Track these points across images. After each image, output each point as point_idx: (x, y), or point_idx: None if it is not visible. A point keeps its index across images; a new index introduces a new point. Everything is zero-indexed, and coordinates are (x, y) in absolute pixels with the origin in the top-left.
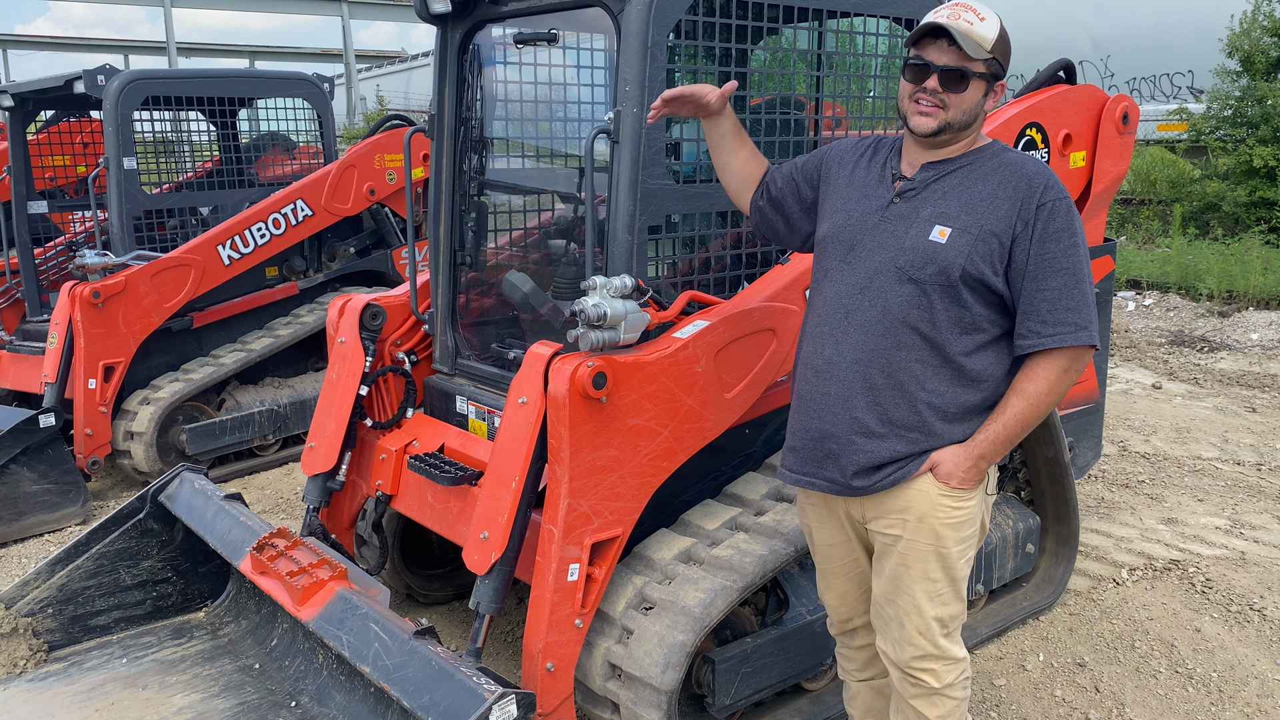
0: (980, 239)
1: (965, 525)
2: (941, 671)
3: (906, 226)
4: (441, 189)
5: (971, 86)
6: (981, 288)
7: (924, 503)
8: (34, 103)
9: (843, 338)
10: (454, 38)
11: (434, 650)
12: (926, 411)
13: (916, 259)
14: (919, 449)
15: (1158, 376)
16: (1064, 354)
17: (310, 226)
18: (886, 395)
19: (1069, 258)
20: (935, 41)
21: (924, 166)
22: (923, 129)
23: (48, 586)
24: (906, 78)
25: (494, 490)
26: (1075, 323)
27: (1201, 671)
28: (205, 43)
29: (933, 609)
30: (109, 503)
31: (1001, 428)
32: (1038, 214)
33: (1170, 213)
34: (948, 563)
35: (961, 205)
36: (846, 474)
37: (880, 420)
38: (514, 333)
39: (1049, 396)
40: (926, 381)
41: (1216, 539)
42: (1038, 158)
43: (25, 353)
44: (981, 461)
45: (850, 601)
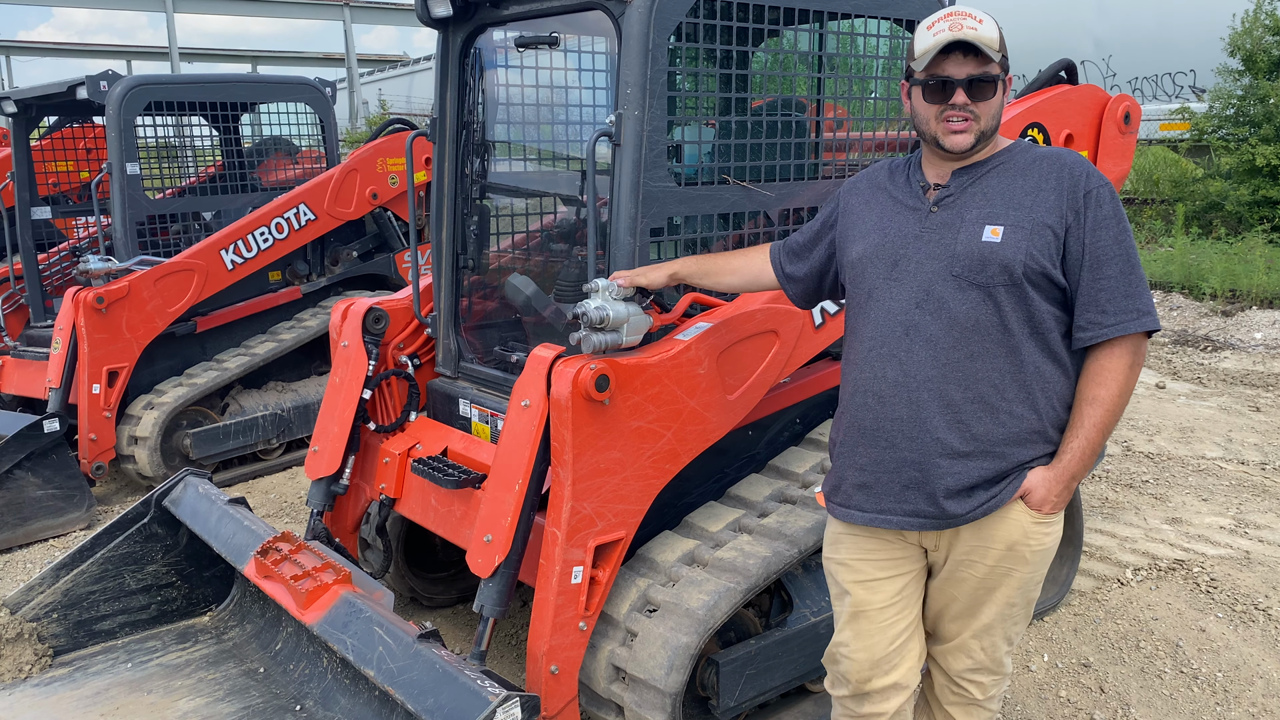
0: (1035, 232)
1: (1051, 549)
2: (988, 684)
3: (954, 232)
4: (444, 192)
5: (996, 90)
6: (1045, 282)
7: (1016, 532)
8: (37, 109)
9: (907, 357)
10: (455, 41)
11: (438, 653)
12: (1011, 422)
13: (973, 263)
14: (1008, 466)
15: (1161, 376)
16: (1127, 348)
17: (313, 231)
18: (967, 410)
19: (1121, 244)
20: (949, 57)
21: (955, 174)
22: (961, 146)
23: (53, 591)
24: (928, 100)
25: (497, 493)
26: (1137, 309)
27: (1207, 671)
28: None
29: (1004, 628)
30: (113, 507)
31: (1085, 442)
32: (1086, 201)
33: (1173, 212)
34: (1027, 587)
35: (1006, 202)
36: (938, 501)
37: (965, 438)
38: (517, 335)
39: (1123, 397)
40: (1006, 389)
41: (1221, 539)
42: (1072, 150)
43: (29, 358)
44: (1073, 482)
45: (877, 654)
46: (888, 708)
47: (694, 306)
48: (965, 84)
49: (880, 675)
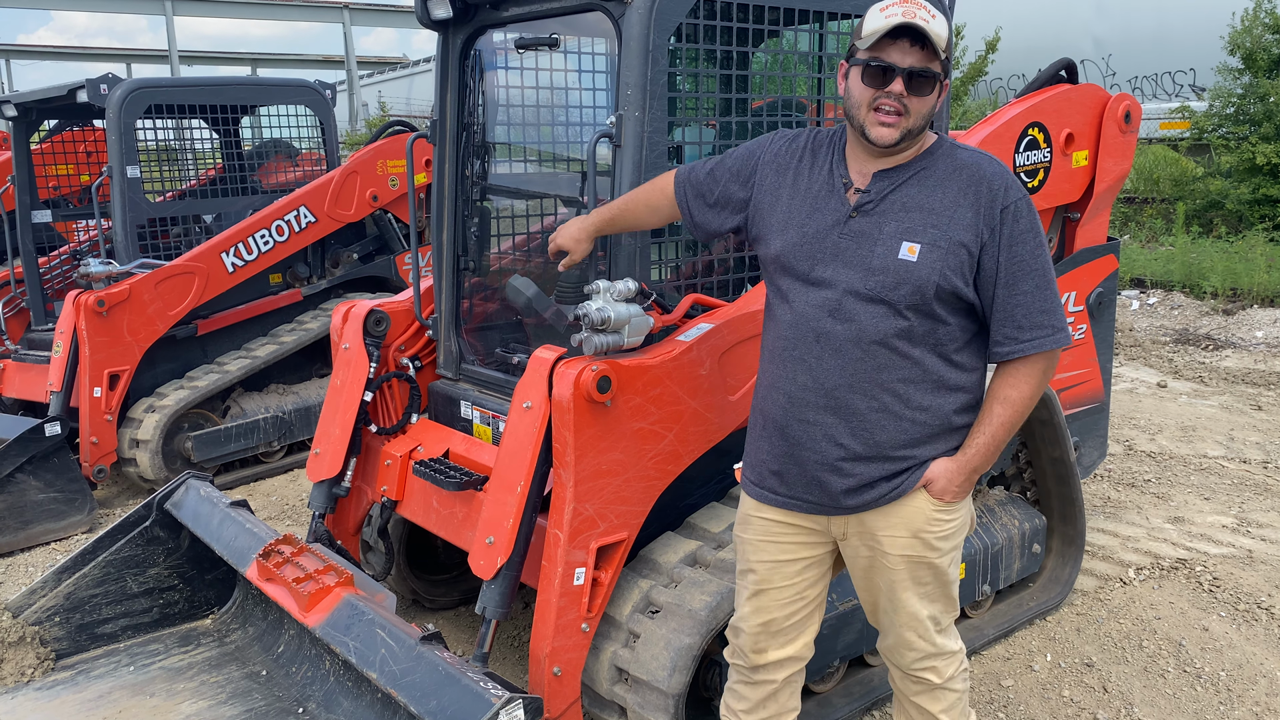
0: (950, 252)
1: (956, 534)
2: (942, 667)
3: (871, 244)
4: (444, 194)
5: (934, 89)
6: (954, 299)
7: (919, 519)
8: (37, 112)
9: (816, 364)
10: (455, 43)
11: (440, 655)
12: (912, 428)
13: (888, 280)
14: (909, 465)
15: (1163, 375)
16: (1041, 358)
17: (313, 233)
18: (872, 418)
19: (1037, 258)
20: (896, 42)
21: (876, 176)
22: (886, 140)
23: (54, 595)
24: (865, 83)
25: (499, 495)
26: (1051, 325)
27: (1210, 670)
28: (207, 51)
29: (926, 609)
30: (115, 511)
31: (989, 438)
32: (1003, 218)
33: (1173, 211)
34: (938, 570)
35: (925, 218)
36: (838, 498)
37: (867, 444)
38: (518, 337)
39: (1032, 400)
40: (911, 398)
41: (1223, 537)
42: (990, 154)
43: (30, 362)
44: (974, 474)
45: (775, 628)
46: (778, 676)
47: (695, 307)
48: (905, 74)
49: (776, 649)
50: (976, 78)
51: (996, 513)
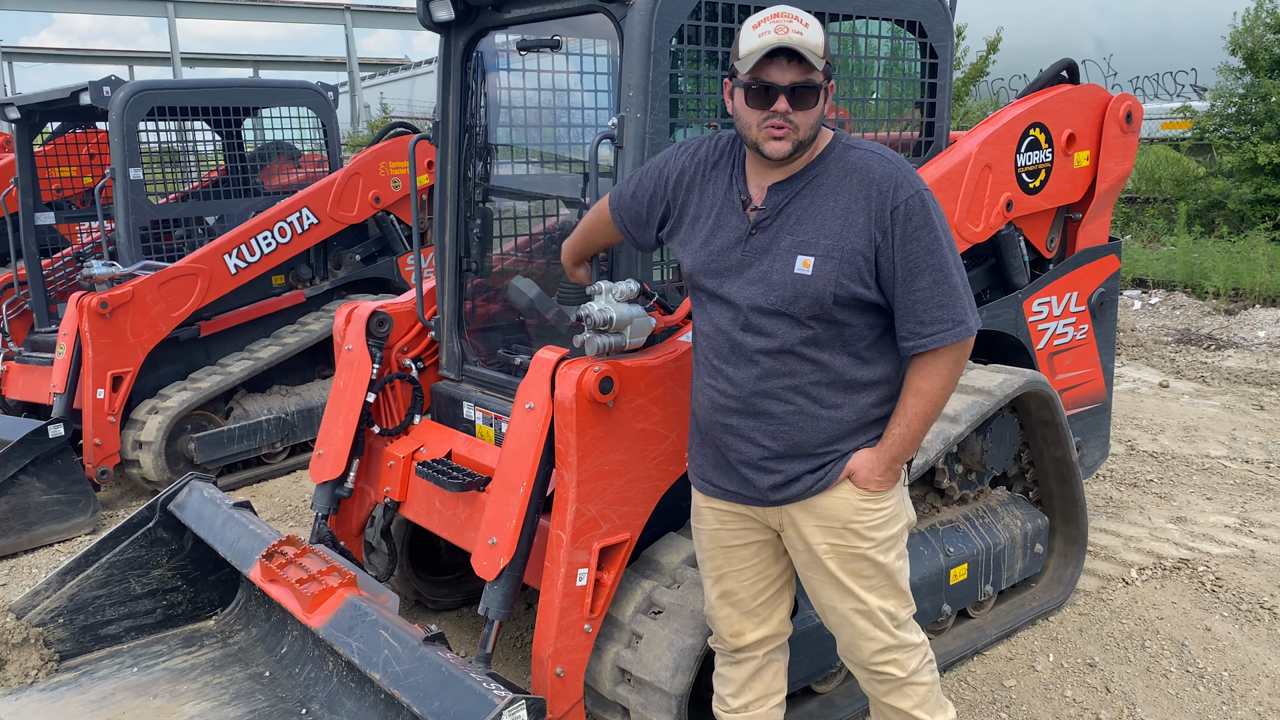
0: (845, 260)
1: (887, 525)
2: (904, 660)
3: (770, 260)
4: (447, 195)
5: (818, 99)
6: (855, 303)
7: (846, 510)
8: (40, 114)
9: (734, 373)
10: (457, 45)
11: (443, 656)
12: (830, 426)
13: (786, 294)
14: (830, 459)
15: (1165, 375)
16: (949, 350)
17: (316, 235)
18: (789, 421)
19: (934, 254)
20: (773, 61)
21: (771, 190)
22: (780, 153)
23: (58, 596)
24: (750, 104)
25: (502, 496)
26: (952, 319)
27: (1213, 671)
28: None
29: (876, 600)
30: (118, 512)
31: (905, 429)
32: (893, 218)
33: (1175, 211)
34: (878, 563)
35: (818, 228)
36: (761, 492)
37: (786, 445)
38: (520, 338)
39: (945, 390)
40: (824, 398)
41: (1226, 537)
42: (883, 149)
43: (34, 363)
44: (895, 464)
45: (747, 612)
46: (758, 653)
47: None
48: (788, 91)
49: (752, 629)
50: (978, 78)
51: (999, 513)
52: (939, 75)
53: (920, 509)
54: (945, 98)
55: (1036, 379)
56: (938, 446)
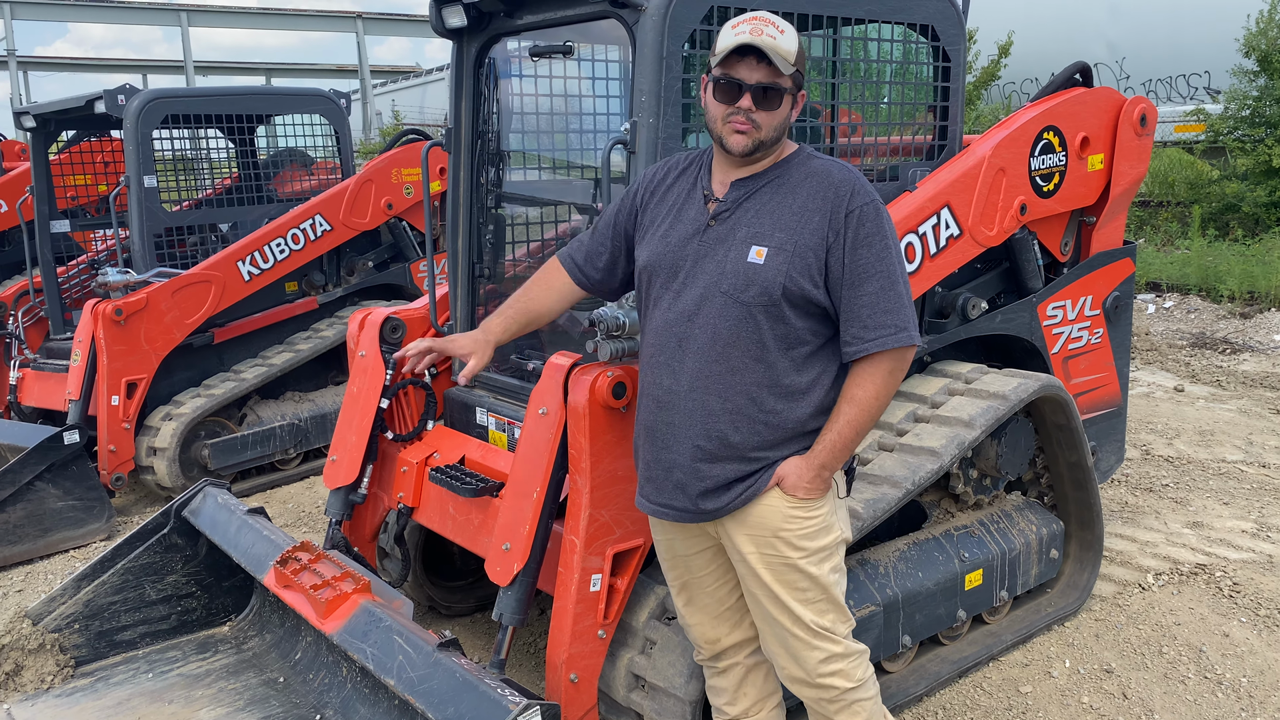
0: (797, 254)
1: (819, 534)
2: (849, 670)
3: (726, 249)
4: (459, 202)
5: (783, 102)
6: (803, 301)
7: (775, 518)
8: (56, 123)
9: (678, 366)
10: (470, 52)
11: (458, 662)
12: (765, 430)
13: (739, 282)
14: (760, 465)
15: (1180, 379)
16: (887, 357)
17: (329, 241)
18: (725, 419)
19: (882, 261)
20: (744, 59)
21: (733, 185)
22: (739, 147)
23: (74, 602)
24: (717, 99)
25: (515, 501)
26: (895, 324)
27: (1231, 677)
28: (222, 61)
29: (810, 614)
30: (133, 518)
31: (837, 435)
32: (847, 221)
33: (1189, 214)
34: (810, 574)
35: (774, 222)
36: (695, 500)
37: (721, 444)
38: (532, 344)
39: (879, 400)
40: (762, 401)
41: (1243, 542)
42: (844, 162)
43: (49, 370)
44: (824, 470)
45: (715, 617)
46: (740, 658)
47: None
48: (754, 89)
49: (726, 634)
50: (989, 82)
51: (1014, 518)
52: (951, 79)
53: (935, 514)
54: (958, 101)
55: (1051, 383)
56: (953, 451)
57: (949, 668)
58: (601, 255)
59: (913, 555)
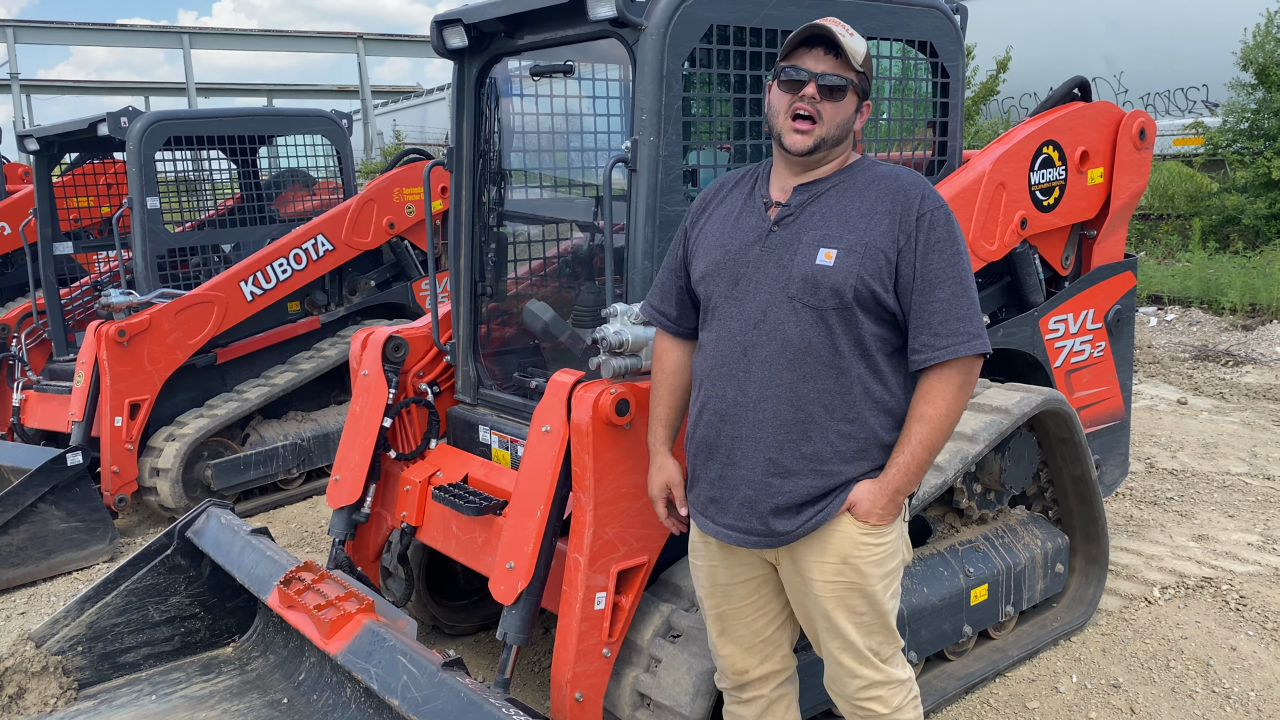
0: (867, 256)
1: (887, 560)
2: (888, 696)
3: (791, 253)
4: (461, 220)
5: (847, 98)
6: (875, 305)
7: (846, 543)
8: (59, 146)
9: (744, 377)
10: (471, 72)
11: (462, 682)
12: (839, 441)
13: (806, 285)
14: (835, 483)
15: (1183, 392)
16: (957, 370)
17: (331, 261)
18: (797, 430)
19: (954, 266)
20: (810, 51)
21: (796, 190)
22: (799, 146)
23: (77, 624)
24: (782, 90)
25: (519, 520)
26: (967, 331)
27: (1239, 691)
28: (224, 83)
29: (863, 639)
30: (136, 540)
31: (910, 457)
32: (918, 225)
33: (1189, 227)
34: (873, 598)
35: (842, 224)
36: (766, 520)
37: (794, 457)
38: (535, 361)
39: (949, 417)
40: (835, 409)
41: (1249, 555)
42: (910, 170)
43: (52, 392)
44: (898, 495)
45: (748, 649)
46: (765, 690)
47: None
48: (818, 78)
49: (755, 666)
50: (988, 97)
51: (1019, 532)
52: (950, 94)
53: (939, 529)
54: (957, 117)
55: (1054, 397)
56: (956, 466)
57: (955, 684)
58: (672, 292)
59: (917, 571)
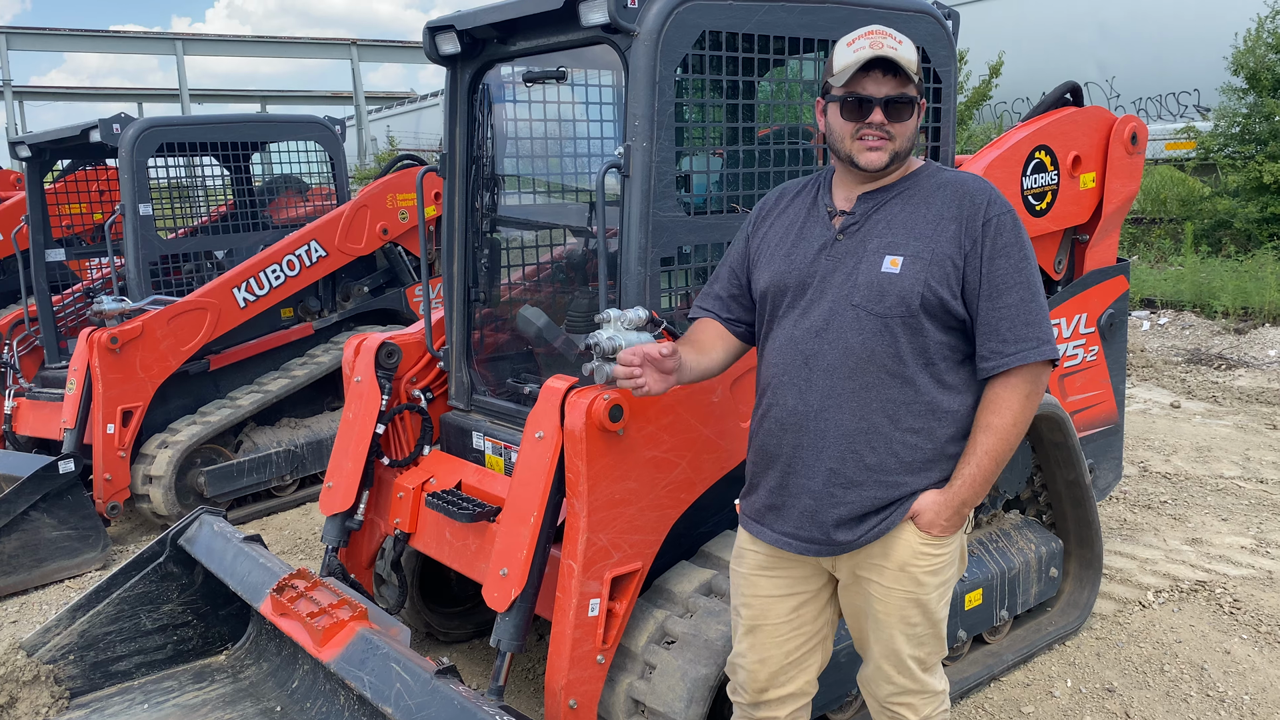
0: (934, 263)
1: (945, 570)
2: (919, 705)
3: (856, 261)
4: (454, 226)
5: (913, 112)
6: (942, 313)
7: (906, 552)
8: (51, 152)
9: (806, 386)
10: (464, 78)
11: (456, 689)
12: (904, 451)
13: (872, 293)
14: (900, 494)
15: (1176, 395)
16: (1025, 377)
17: (324, 267)
18: (861, 440)
19: (1021, 272)
20: (869, 74)
21: (861, 198)
22: (876, 164)
23: (69, 633)
24: (845, 117)
25: (512, 526)
26: (1036, 337)
27: (1233, 694)
28: (217, 89)
29: (910, 649)
30: (129, 547)
31: (976, 469)
32: (984, 230)
33: (1181, 231)
34: (927, 608)
35: (908, 231)
36: (828, 531)
37: (858, 467)
38: (529, 367)
39: (1016, 427)
40: (901, 419)
41: (1242, 558)
42: (977, 174)
43: (44, 399)
44: (964, 507)
45: (773, 666)
46: (781, 713)
47: None
48: (883, 103)
49: (776, 686)
50: (980, 102)
51: (1013, 537)
52: (943, 100)
53: None
54: (949, 122)
55: (1048, 401)
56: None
57: (951, 689)
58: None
59: None
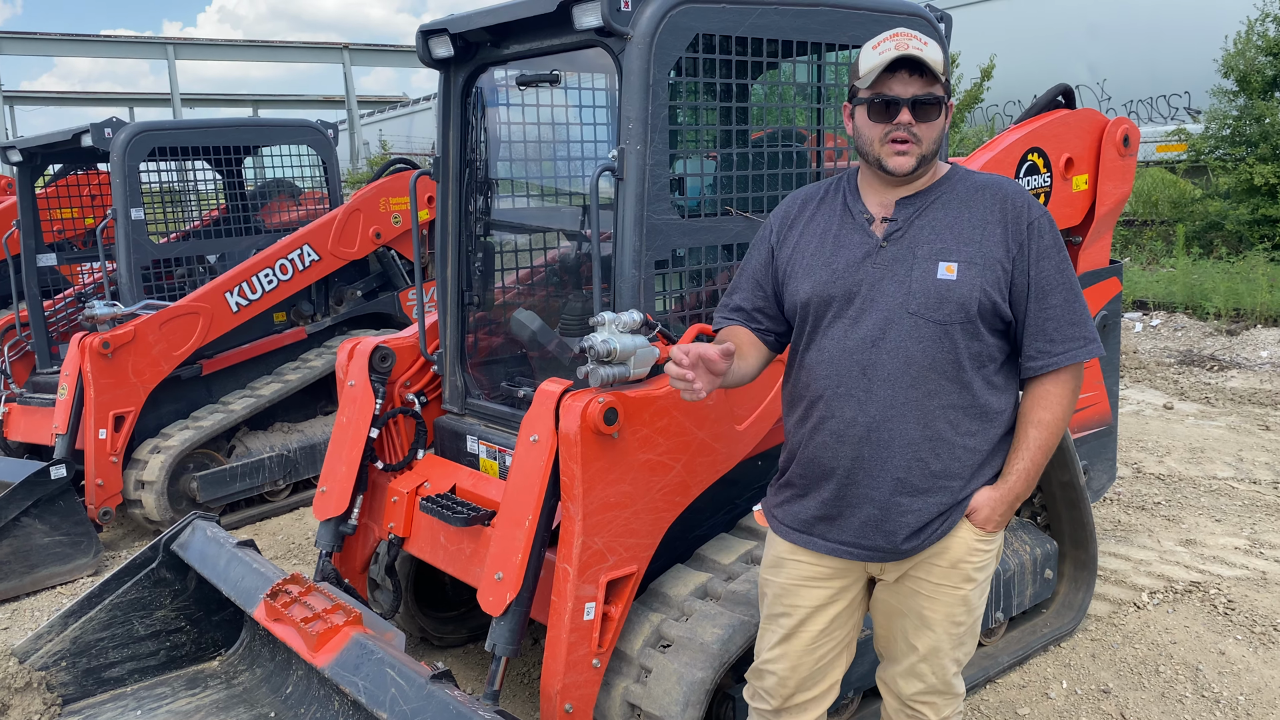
0: (988, 268)
1: (989, 566)
2: (941, 705)
3: (907, 268)
4: (448, 230)
5: (940, 113)
6: (993, 316)
7: (960, 549)
8: (42, 157)
9: (865, 396)
10: (457, 81)
11: (451, 694)
12: (964, 455)
13: (930, 300)
14: (961, 496)
15: (1169, 397)
16: (1071, 375)
17: (317, 271)
18: (926, 447)
19: (1063, 272)
20: (895, 75)
21: (899, 204)
22: (903, 168)
23: (61, 639)
24: (873, 119)
25: (507, 530)
26: (1082, 336)
27: (1228, 695)
28: (209, 93)
29: (951, 650)
30: (121, 553)
31: (1030, 463)
32: (1029, 233)
33: (1173, 233)
34: (971, 605)
35: (956, 237)
36: (895, 539)
37: (924, 475)
38: (523, 371)
39: (1062, 422)
40: (960, 424)
41: (1236, 559)
42: (1005, 176)
43: (35, 405)
44: (1016, 502)
45: (803, 674)
46: (806, 718)
47: (700, 337)
48: (910, 104)
49: (803, 692)
50: (973, 104)
51: (1007, 539)
52: None
53: None
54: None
55: None
56: None
57: None
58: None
59: None
